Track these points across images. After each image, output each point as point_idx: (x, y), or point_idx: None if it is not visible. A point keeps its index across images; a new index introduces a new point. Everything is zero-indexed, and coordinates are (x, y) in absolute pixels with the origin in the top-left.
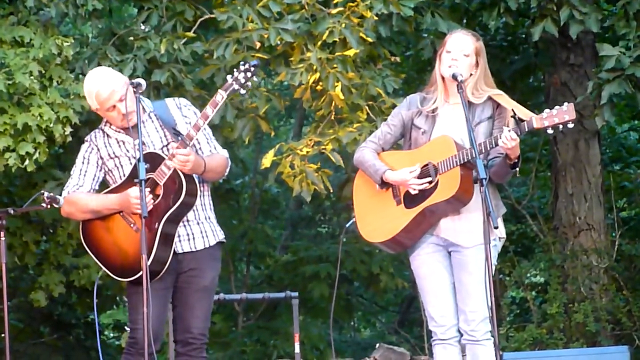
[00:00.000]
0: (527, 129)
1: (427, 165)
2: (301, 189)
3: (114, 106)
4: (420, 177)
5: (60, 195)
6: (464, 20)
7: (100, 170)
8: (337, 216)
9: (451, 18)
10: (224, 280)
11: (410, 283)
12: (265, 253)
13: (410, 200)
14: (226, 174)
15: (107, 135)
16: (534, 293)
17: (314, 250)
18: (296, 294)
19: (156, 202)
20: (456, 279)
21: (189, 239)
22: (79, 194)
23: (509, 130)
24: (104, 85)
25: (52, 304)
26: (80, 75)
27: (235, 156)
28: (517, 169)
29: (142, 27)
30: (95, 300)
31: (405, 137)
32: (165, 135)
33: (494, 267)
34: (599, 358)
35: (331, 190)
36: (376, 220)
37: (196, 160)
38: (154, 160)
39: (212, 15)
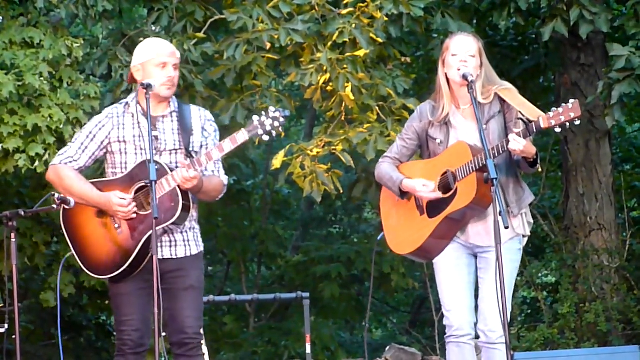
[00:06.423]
0: (535, 130)
1: (445, 173)
2: (312, 189)
3: (166, 64)
4: (440, 185)
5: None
6: (474, 21)
7: (102, 150)
8: (348, 217)
9: (461, 18)
10: (235, 281)
11: (421, 284)
12: (276, 254)
13: (432, 209)
14: (218, 198)
15: (131, 114)
16: (545, 293)
17: (325, 251)
18: (307, 294)
19: (147, 212)
20: (481, 279)
21: (170, 246)
22: (68, 170)
23: (517, 134)
24: (169, 45)
25: (62, 306)
26: (91, 77)
27: (246, 157)
28: (538, 166)
29: (153, 28)
30: (59, 277)
31: (422, 148)
32: (179, 140)
33: (516, 270)
34: (610, 358)
35: (341, 191)
36: (403, 232)
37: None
38: (156, 170)
39: (223, 16)
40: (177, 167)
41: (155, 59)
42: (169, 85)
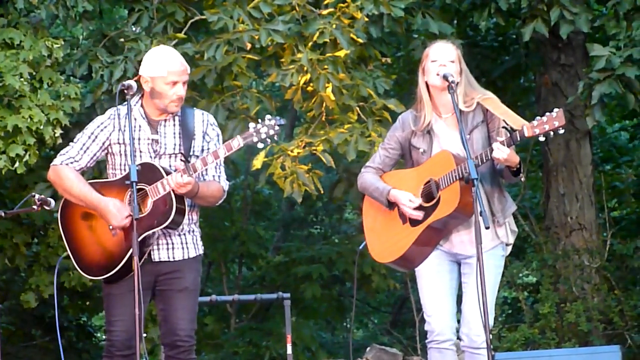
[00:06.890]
0: (519, 139)
1: (429, 181)
2: (292, 190)
3: (175, 83)
4: (423, 193)
5: (53, 196)
6: (455, 21)
7: (103, 151)
8: (329, 217)
9: (442, 19)
10: (216, 281)
11: (401, 284)
12: (257, 254)
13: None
14: (217, 203)
15: (133, 117)
16: (526, 293)
17: (306, 251)
18: (288, 295)
19: (141, 215)
20: (465, 284)
21: (167, 248)
22: (69, 171)
23: (501, 143)
24: (181, 61)
25: (43, 307)
26: (71, 77)
27: (227, 158)
28: (521, 175)
29: (133, 28)
30: (55, 278)
31: (405, 157)
32: (180, 144)
33: (500, 276)
34: (591, 358)
35: (322, 191)
36: (385, 241)
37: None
38: (151, 172)
39: (203, 17)
40: (174, 171)
41: (167, 77)
42: (177, 103)
